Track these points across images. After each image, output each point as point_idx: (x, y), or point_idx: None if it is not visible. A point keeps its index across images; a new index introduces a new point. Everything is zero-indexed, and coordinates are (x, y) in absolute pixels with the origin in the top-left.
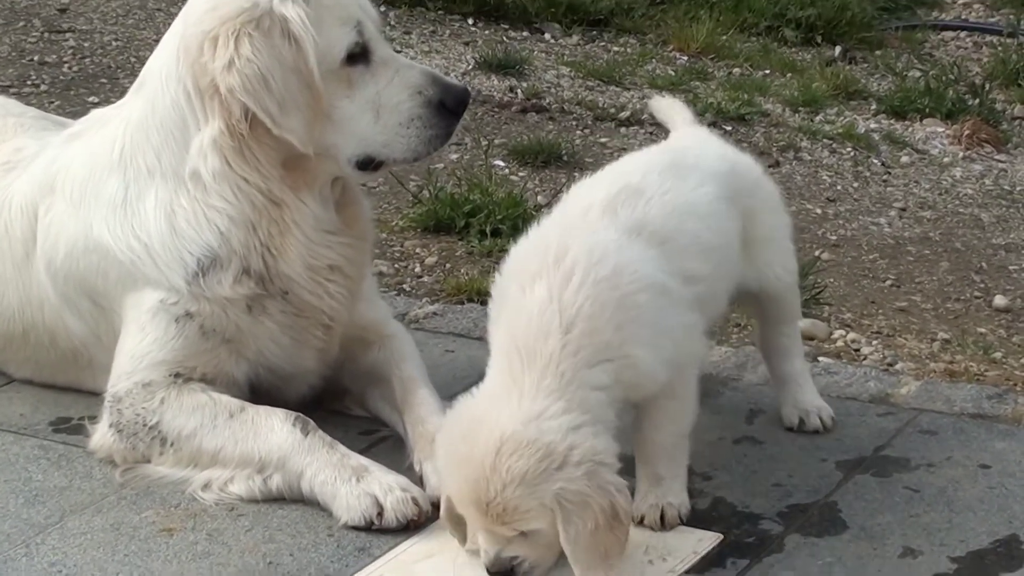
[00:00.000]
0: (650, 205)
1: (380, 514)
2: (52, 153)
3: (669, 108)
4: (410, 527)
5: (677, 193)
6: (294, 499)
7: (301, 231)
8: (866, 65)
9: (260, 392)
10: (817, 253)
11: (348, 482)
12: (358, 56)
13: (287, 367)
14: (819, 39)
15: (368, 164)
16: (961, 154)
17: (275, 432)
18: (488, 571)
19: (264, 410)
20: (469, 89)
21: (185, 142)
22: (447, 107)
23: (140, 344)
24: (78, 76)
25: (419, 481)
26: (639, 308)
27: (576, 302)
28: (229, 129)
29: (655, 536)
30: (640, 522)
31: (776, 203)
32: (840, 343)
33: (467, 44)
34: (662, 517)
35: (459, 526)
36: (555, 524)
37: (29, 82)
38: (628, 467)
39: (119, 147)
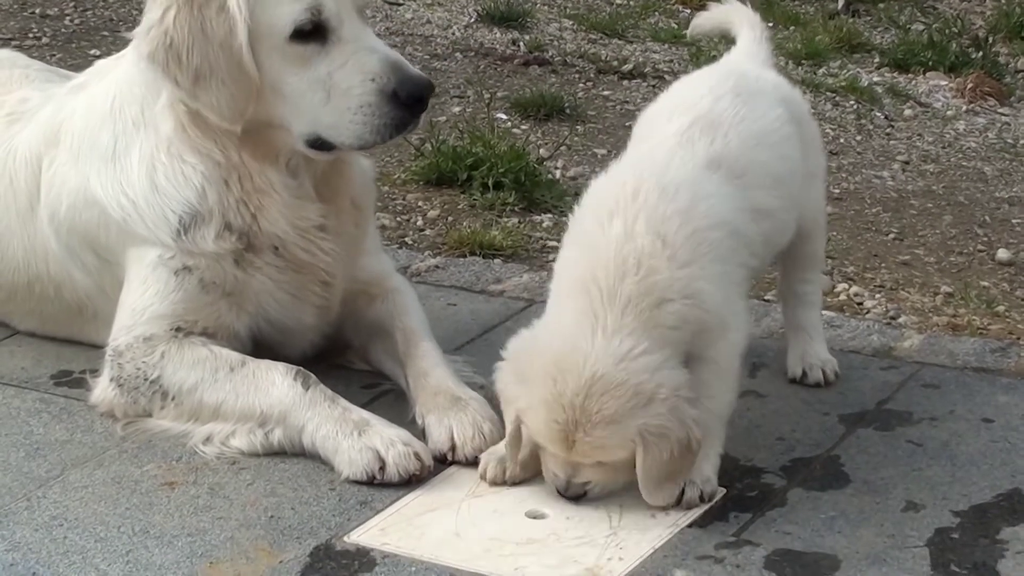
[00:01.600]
0: (728, 137)
1: (382, 468)
2: (56, 104)
3: (729, 15)
4: (412, 481)
5: (751, 121)
6: (296, 453)
7: (278, 194)
8: (869, 18)
9: (262, 347)
10: None
11: (350, 436)
12: (311, 34)
13: (287, 322)
14: None
15: (318, 144)
16: (964, 107)
17: (276, 386)
18: (561, 494)
19: (265, 364)
20: (432, 83)
21: (158, 97)
22: (399, 98)
23: (141, 298)
24: (79, 29)
25: (421, 435)
26: (711, 243)
27: (654, 238)
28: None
29: None
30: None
31: (818, 142)
32: (843, 297)
33: None
34: (681, 496)
35: (528, 464)
36: (633, 454)
37: (31, 35)
38: None
39: (111, 98)
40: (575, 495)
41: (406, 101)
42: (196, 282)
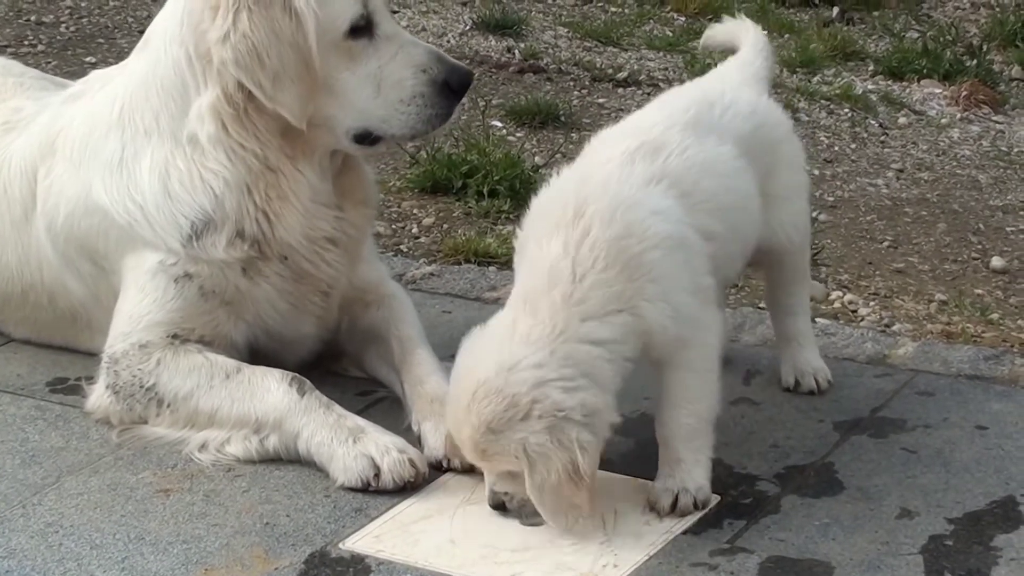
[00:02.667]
0: (670, 159)
1: (377, 476)
2: (51, 113)
3: (735, 30)
4: (407, 488)
5: (695, 151)
6: (291, 460)
7: (299, 200)
8: (864, 26)
9: (259, 356)
10: (815, 214)
11: (345, 443)
12: (362, 29)
13: (286, 332)
14: (817, 0)
15: (366, 138)
16: (959, 115)
17: (271, 392)
18: (488, 504)
19: (260, 370)
20: (473, 72)
21: (184, 105)
22: (451, 87)
23: (138, 305)
24: (75, 36)
25: (417, 442)
26: (649, 265)
27: (591, 257)
28: (227, 96)
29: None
30: (652, 508)
31: (797, 162)
32: (837, 304)
33: (464, 4)
34: (674, 504)
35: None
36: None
37: (26, 42)
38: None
39: (119, 106)
40: (495, 504)
41: (456, 89)
42: (196, 290)
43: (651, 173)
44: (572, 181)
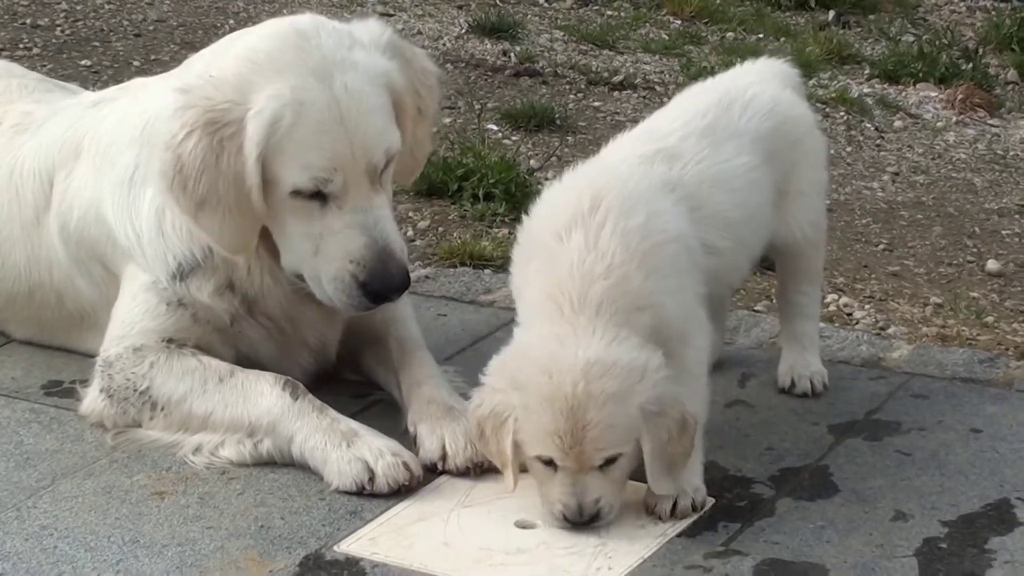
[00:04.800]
0: (685, 169)
1: (371, 479)
2: (73, 116)
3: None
4: (401, 492)
5: (711, 163)
6: (285, 463)
7: (280, 285)
8: (859, 29)
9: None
10: None
11: (339, 447)
12: (313, 194)
13: (281, 364)
14: (813, 3)
15: (303, 280)
16: (954, 119)
17: (265, 396)
18: (576, 523)
19: (254, 374)
20: (407, 282)
21: None
22: (366, 290)
23: (132, 311)
24: (70, 39)
25: (412, 443)
26: (665, 258)
27: (610, 249)
28: None
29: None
30: (651, 510)
31: (818, 159)
32: (833, 307)
33: (460, 8)
34: (673, 507)
35: (516, 467)
36: (634, 446)
37: (21, 45)
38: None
39: (144, 121)
40: (591, 515)
41: (370, 297)
42: (189, 315)
43: (667, 179)
44: (587, 176)
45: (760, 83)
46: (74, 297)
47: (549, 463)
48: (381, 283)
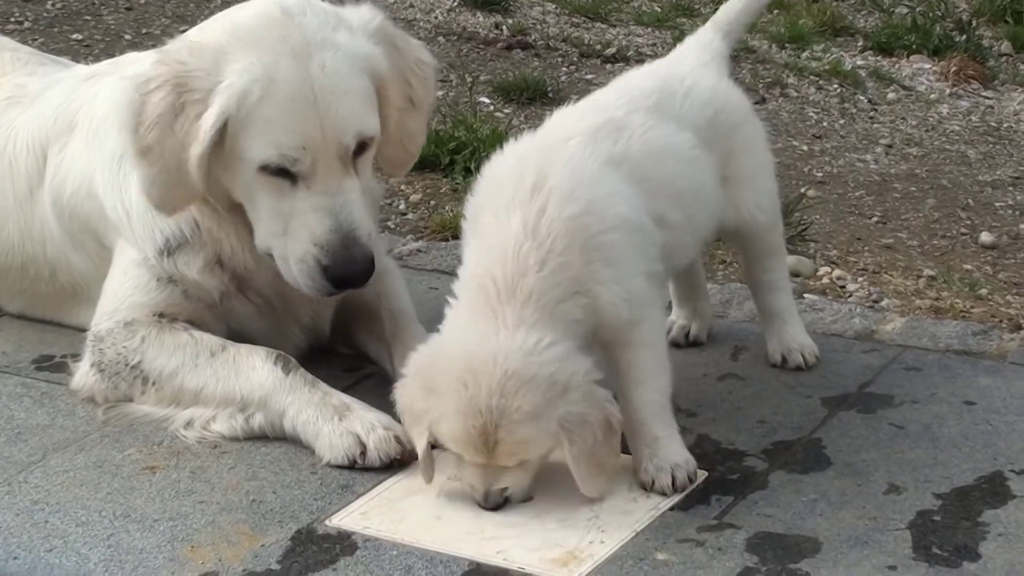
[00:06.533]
0: (631, 141)
1: (363, 453)
2: (67, 88)
3: None
4: (393, 466)
5: (657, 136)
6: (277, 437)
7: (267, 263)
8: (853, 1)
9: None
10: (803, 190)
11: (330, 421)
12: (282, 173)
13: (272, 340)
14: None
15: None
16: (948, 91)
17: (256, 371)
18: (482, 507)
19: (246, 348)
20: (369, 269)
21: None
22: (327, 275)
23: (123, 286)
24: (61, 13)
25: None
26: (606, 248)
27: (549, 237)
28: None
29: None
30: (651, 487)
31: (758, 143)
32: (826, 280)
33: None
34: (673, 481)
35: (431, 467)
36: (550, 449)
37: (12, 19)
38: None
39: None
40: (496, 504)
41: (333, 282)
42: (180, 291)
43: (612, 154)
44: (532, 153)
45: (697, 69)
46: (67, 271)
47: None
48: (343, 268)
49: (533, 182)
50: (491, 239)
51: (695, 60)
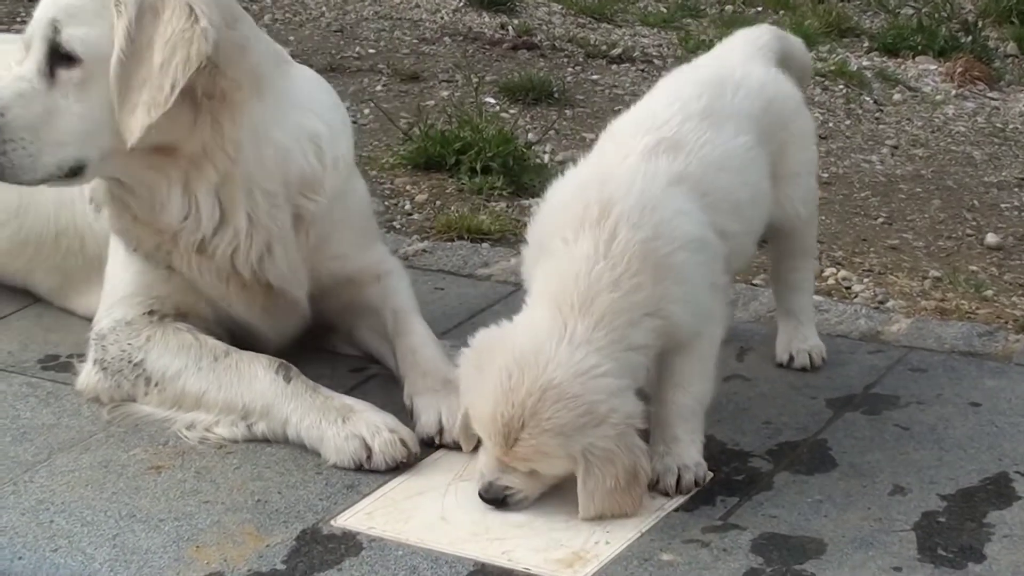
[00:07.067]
0: (690, 157)
1: (369, 457)
2: None
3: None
4: (399, 469)
5: (714, 146)
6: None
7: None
8: (858, 2)
9: (238, 333)
10: None
11: (334, 423)
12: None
13: (247, 319)
14: None
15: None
16: (953, 92)
17: (258, 380)
18: (480, 496)
19: (248, 356)
20: None
21: None
22: None
23: (112, 279)
24: None
25: (409, 415)
26: (676, 267)
27: (623, 260)
28: None
29: None
30: (655, 485)
31: (808, 137)
32: (831, 281)
33: None
34: (678, 481)
35: (470, 438)
36: (570, 471)
37: (19, 19)
38: None
39: None
40: (494, 498)
41: None
42: (165, 268)
43: (673, 173)
44: (593, 178)
45: (747, 62)
46: (93, 240)
47: None
48: None
49: (600, 208)
50: (563, 262)
51: (744, 52)
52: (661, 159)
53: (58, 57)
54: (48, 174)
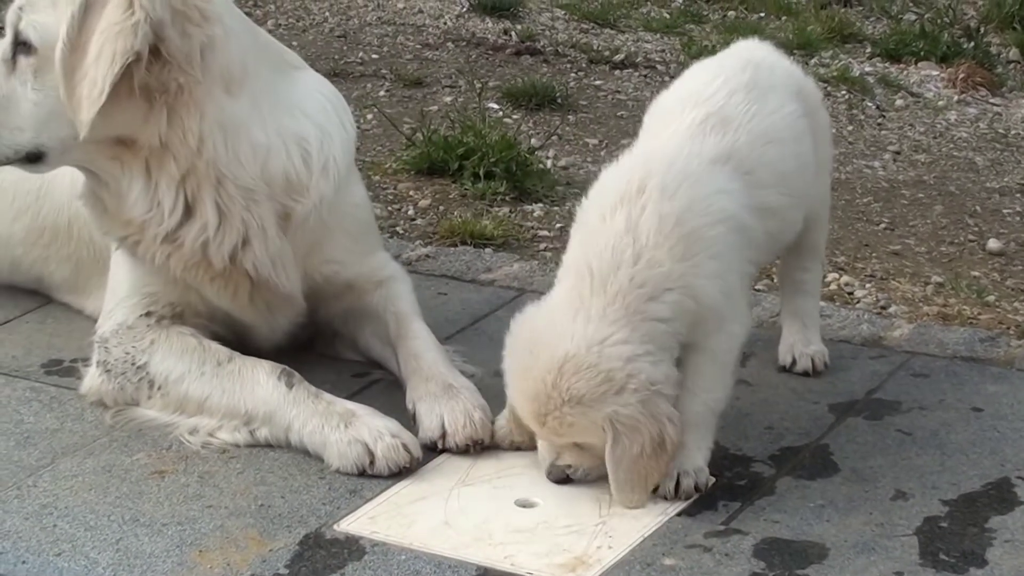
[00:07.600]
0: (738, 133)
1: (372, 462)
2: None
3: None
4: (402, 474)
5: (763, 117)
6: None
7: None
8: (861, 8)
9: (235, 330)
10: None
11: (337, 429)
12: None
13: (247, 318)
14: None
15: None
16: (956, 97)
17: (260, 386)
18: (547, 477)
19: (251, 362)
20: None
21: None
22: None
23: (112, 281)
24: None
25: (411, 420)
26: (711, 241)
27: (645, 232)
28: None
29: None
30: (654, 490)
31: (828, 134)
32: (834, 286)
33: None
34: (676, 486)
35: (521, 427)
36: (599, 440)
37: None
38: None
39: None
40: (557, 478)
41: None
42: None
43: (720, 150)
44: (639, 156)
45: (772, 53)
46: None
47: None
48: None
49: (638, 184)
50: (595, 235)
51: (766, 48)
52: (709, 137)
53: (19, 44)
54: (4, 156)
